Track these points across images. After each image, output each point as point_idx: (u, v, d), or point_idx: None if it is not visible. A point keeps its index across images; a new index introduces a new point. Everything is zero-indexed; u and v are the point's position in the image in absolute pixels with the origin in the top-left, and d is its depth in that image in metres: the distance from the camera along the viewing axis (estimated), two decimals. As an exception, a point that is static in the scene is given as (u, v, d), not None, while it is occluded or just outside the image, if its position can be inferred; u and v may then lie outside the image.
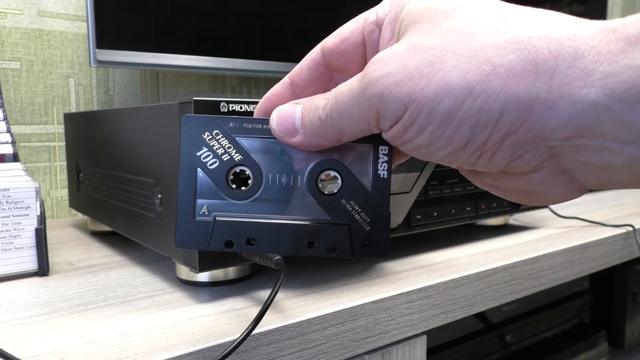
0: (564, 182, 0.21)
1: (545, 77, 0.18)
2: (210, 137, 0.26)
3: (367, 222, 0.26)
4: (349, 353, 0.36)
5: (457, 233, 0.60)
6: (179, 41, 0.67)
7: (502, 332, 0.64)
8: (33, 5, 0.69)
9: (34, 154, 0.71)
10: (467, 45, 0.19)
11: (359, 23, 0.25)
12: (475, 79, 0.19)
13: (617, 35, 0.18)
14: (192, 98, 0.35)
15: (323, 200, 0.26)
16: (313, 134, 0.24)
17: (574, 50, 0.18)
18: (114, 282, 0.42)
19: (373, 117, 0.22)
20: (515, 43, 0.19)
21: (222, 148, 0.26)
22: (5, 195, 0.42)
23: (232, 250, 0.26)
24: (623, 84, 0.17)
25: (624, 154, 0.18)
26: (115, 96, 0.77)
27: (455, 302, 0.43)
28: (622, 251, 0.62)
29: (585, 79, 0.18)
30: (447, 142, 0.20)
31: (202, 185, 0.26)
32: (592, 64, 0.18)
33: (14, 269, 0.43)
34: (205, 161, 0.25)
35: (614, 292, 0.77)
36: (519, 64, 0.19)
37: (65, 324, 0.33)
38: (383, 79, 0.21)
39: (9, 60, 0.68)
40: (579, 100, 0.18)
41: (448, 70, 0.19)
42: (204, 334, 0.31)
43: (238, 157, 0.26)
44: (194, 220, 0.25)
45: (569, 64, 0.18)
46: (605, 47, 0.18)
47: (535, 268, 0.50)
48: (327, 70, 0.27)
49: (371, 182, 0.26)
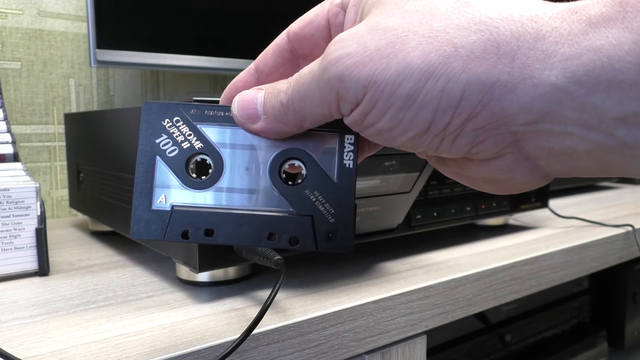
0: (528, 169, 0.20)
1: (507, 58, 0.18)
2: (170, 124, 0.25)
3: (331, 214, 0.25)
4: (349, 353, 0.36)
5: (457, 233, 0.60)
6: (179, 41, 0.67)
7: (502, 332, 0.64)
8: (33, 6, 0.69)
9: (35, 154, 0.71)
10: (429, 25, 0.19)
11: (324, 6, 0.25)
12: (436, 60, 0.19)
13: (578, 16, 0.17)
14: (192, 98, 0.35)
15: (286, 191, 0.25)
16: (275, 120, 0.23)
17: (535, 32, 0.18)
18: (114, 282, 0.42)
19: (333, 100, 0.21)
20: (477, 24, 0.18)
21: (182, 135, 0.25)
22: (5, 195, 0.42)
23: (190, 241, 0.25)
24: (584, 67, 0.17)
25: (586, 140, 0.18)
26: (115, 96, 0.77)
27: (455, 302, 0.43)
28: (621, 251, 0.62)
29: (546, 61, 0.17)
30: (408, 127, 0.20)
31: (161, 173, 0.25)
32: (553, 46, 0.17)
33: (14, 268, 0.43)
34: (164, 149, 0.25)
35: (613, 292, 0.78)
36: (480, 45, 0.18)
37: (65, 324, 0.33)
38: (343, 60, 0.20)
39: (10, 60, 0.68)
40: (540, 83, 0.17)
41: (409, 51, 0.19)
42: (204, 334, 0.31)
43: (199, 144, 0.25)
44: (150, 209, 0.24)
45: (531, 46, 0.18)
46: (566, 28, 0.17)
47: (535, 268, 0.50)
48: (292, 56, 0.26)
49: (336, 172, 0.25)
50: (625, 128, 0.17)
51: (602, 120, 0.17)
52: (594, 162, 0.18)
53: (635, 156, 0.17)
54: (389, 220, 0.46)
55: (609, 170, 0.19)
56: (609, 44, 0.16)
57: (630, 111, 0.16)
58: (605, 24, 0.17)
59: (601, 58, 0.16)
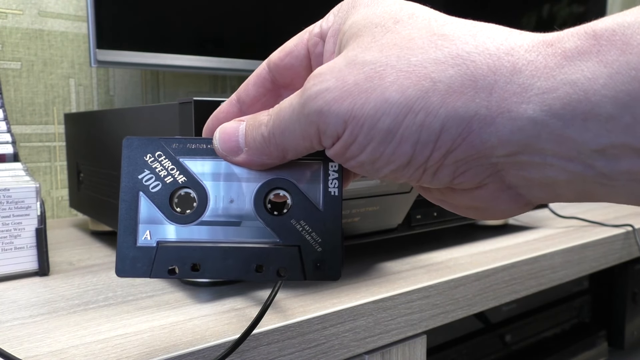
0: (510, 197, 0.21)
1: (484, 92, 0.18)
2: (152, 159, 0.24)
3: (318, 243, 0.24)
4: (349, 353, 0.36)
5: (457, 233, 0.60)
6: (179, 41, 0.67)
7: (502, 332, 0.64)
8: (33, 6, 0.69)
9: (35, 154, 0.71)
10: (406, 59, 0.19)
11: (304, 36, 0.25)
12: (414, 94, 0.19)
13: (554, 49, 0.17)
14: (192, 98, 0.35)
15: (272, 221, 0.25)
16: (257, 152, 0.23)
17: (511, 65, 0.18)
18: (114, 282, 0.42)
19: (314, 134, 0.21)
20: (454, 58, 0.19)
21: (164, 170, 0.24)
22: (5, 195, 0.42)
23: (177, 277, 0.24)
24: (560, 100, 0.17)
25: (566, 170, 0.18)
26: (115, 96, 0.77)
27: (455, 302, 0.43)
28: (621, 251, 0.62)
29: (523, 94, 0.17)
30: (390, 160, 0.20)
31: (144, 209, 0.24)
32: (530, 79, 0.17)
33: (15, 268, 0.43)
34: (147, 184, 0.24)
35: (613, 292, 0.78)
36: (458, 80, 0.18)
37: (65, 324, 0.33)
38: (322, 94, 0.20)
39: (10, 60, 0.68)
40: (518, 116, 0.18)
41: (387, 86, 0.19)
42: (204, 334, 0.31)
43: (182, 178, 0.25)
44: (135, 246, 0.24)
45: (507, 79, 0.18)
46: (542, 61, 0.17)
47: (535, 268, 0.50)
48: (273, 86, 0.26)
49: (322, 200, 0.24)
50: (604, 159, 0.17)
51: (581, 152, 0.17)
52: (574, 191, 0.19)
53: (615, 186, 0.17)
54: (389, 220, 0.46)
55: (590, 198, 0.19)
56: (585, 78, 0.16)
57: (608, 143, 0.16)
58: (580, 57, 0.17)
59: (577, 92, 0.16)
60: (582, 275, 0.57)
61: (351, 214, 0.43)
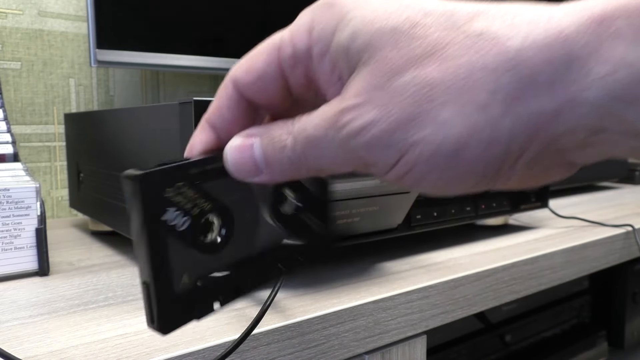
0: (563, 167, 0.20)
1: (545, 87, 0.17)
2: (173, 192, 0.21)
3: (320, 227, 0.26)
4: (349, 353, 0.36)
5: (457, 233, 0.60)
6: (179, 41, 0.67)
7: (502, 332, 0.64)
8: (33, 6, 0.69)
9: (35, 154, 0.71)
10: (452, 74, 0.17)
11: (273, 56, 0.22)
12: (473, 112, 0.17)
13: (604, 28, 0.17)
14: (192, 98, 0.35)
15: (285, 222, 0.25)
16: (282, 173, 0.22)
17: (567, 53, 0.17)
18: (114, 282, 0.42)
19: (361, 165, 0.20)
20: (505, 62, 0.17)
21: (189, 202, 0.22)
22: (5, 195, 0.42)
23: (222, 307, 0.23)
24: (619, 83, 0.17)
25: (629, 145, 0.18)
26: (115, 96, 0.77)
27: (455, 302, 0.43)
28: (621, 251, 0.62)
29: (583, 81, 0.17)
30: (457, 185, 0.19)
31: (174, 252, 0.21)
32: (587, 65, 0.17)
33: (14, 268, 0.43)
34: (174, 224, 0.21)
35: (613, 292, 0.78)
36: (515, 84, 0.17)
37: (65, 324, 0.33)
38: (367, 129, 0.19)
39: (10, 60, 0.68)
40: (581, 103, 0.17)
41: (440, 109, 0.18)
42: (204, 334, 0.31)
43: (208, 205, 0.22)
44: (175, 295, 0.21)
45: (566, 67, 0.17)
46: (596, 44, 0.17)
47: (535, 268, 0.50)
48: (249, 106, 0.24)
49: None
50: None
51: None
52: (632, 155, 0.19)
53: None
54: (389, 220, 0.46)
55: None
56: None
57: None
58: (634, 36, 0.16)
59: (635, 73, 0.16)
60: (582, 275, 0.57)
61: (351, 214, 0.43)
